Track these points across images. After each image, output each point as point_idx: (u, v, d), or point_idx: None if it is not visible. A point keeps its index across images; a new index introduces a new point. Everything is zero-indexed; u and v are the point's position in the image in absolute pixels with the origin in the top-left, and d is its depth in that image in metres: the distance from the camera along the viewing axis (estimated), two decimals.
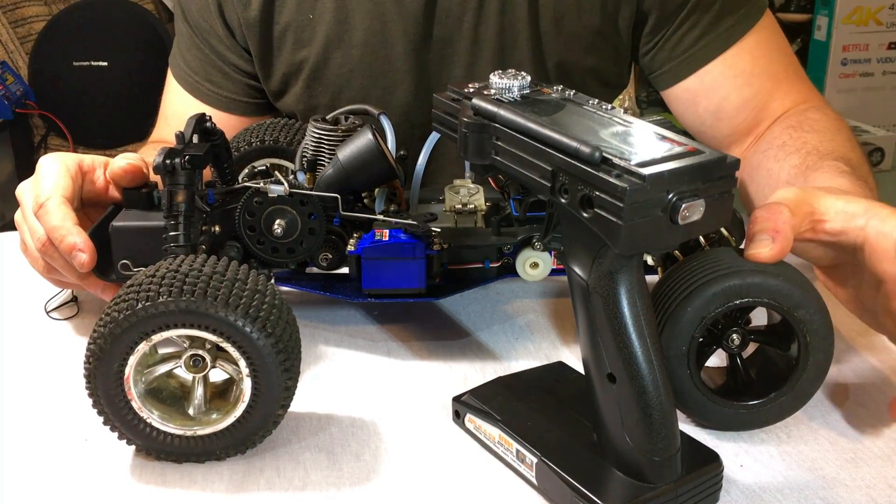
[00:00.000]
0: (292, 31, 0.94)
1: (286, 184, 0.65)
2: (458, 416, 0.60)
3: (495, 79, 0.54)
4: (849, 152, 0.80)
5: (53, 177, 0.69)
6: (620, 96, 0.84)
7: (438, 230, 0.67)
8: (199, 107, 1.00)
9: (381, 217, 0.68)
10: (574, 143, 0.45)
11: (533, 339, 0.72)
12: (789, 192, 0.59)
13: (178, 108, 1.03)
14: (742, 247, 0.57)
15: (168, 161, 0.62)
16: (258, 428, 0.56)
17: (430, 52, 0.93)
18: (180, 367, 0.56)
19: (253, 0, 0.92)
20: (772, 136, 0.88)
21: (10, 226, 0.84)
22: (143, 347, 0.53)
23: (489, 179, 0.71)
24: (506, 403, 0.58)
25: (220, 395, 0.57)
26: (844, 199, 0.59)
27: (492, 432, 0.56)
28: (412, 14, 0.91)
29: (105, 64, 2.44)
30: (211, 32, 0.97)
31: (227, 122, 1.00)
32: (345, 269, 0.69)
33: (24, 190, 0.71)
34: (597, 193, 0.44)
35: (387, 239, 0.66)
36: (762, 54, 0.92)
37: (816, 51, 2.43)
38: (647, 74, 0.98)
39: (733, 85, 0.91)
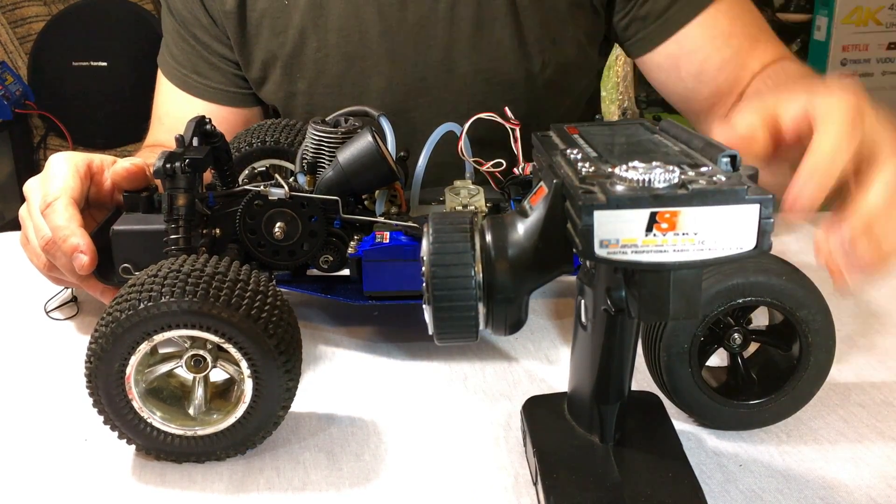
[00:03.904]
0: (269, 18, 0.94)
1: (286, 187, 0.65)
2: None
3: None
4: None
5: (63, 177, 0.70)
6: (620, 97, 0.84)
7: None
8: (190, 101, 1.01)
9: (381, 219, 0.68)
10: None
11: (533, 339, 0.72)
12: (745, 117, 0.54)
13: (170, 106, 1.03)
14: None
15: (168, 165, 0.62)
16: (258, 428, 0.56)
17: (405, 36, 0.93)
18: (181, 367, 0.56)
19: None
20: (752, 90, 0.90)
21: (9, 226, 0.84)
22: (144, 347, 0.53)
23: (489, 180, 0.71)
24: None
25: (221, 395, 0.57)
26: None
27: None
28: None
29: (104, 64, 2.44)
30: (195, 23, 0.98)
31: (218, 114, 1.00)
32: (345, 272, 0.69)
33: (32, 186, 0.72)
34: None
35: (387, 241, 0.66)
36: (737, 15, 0.94)
37: (816, 51, 2.43)
38: (624, 43, 0.98)
39: (713, 46, 0.93)
